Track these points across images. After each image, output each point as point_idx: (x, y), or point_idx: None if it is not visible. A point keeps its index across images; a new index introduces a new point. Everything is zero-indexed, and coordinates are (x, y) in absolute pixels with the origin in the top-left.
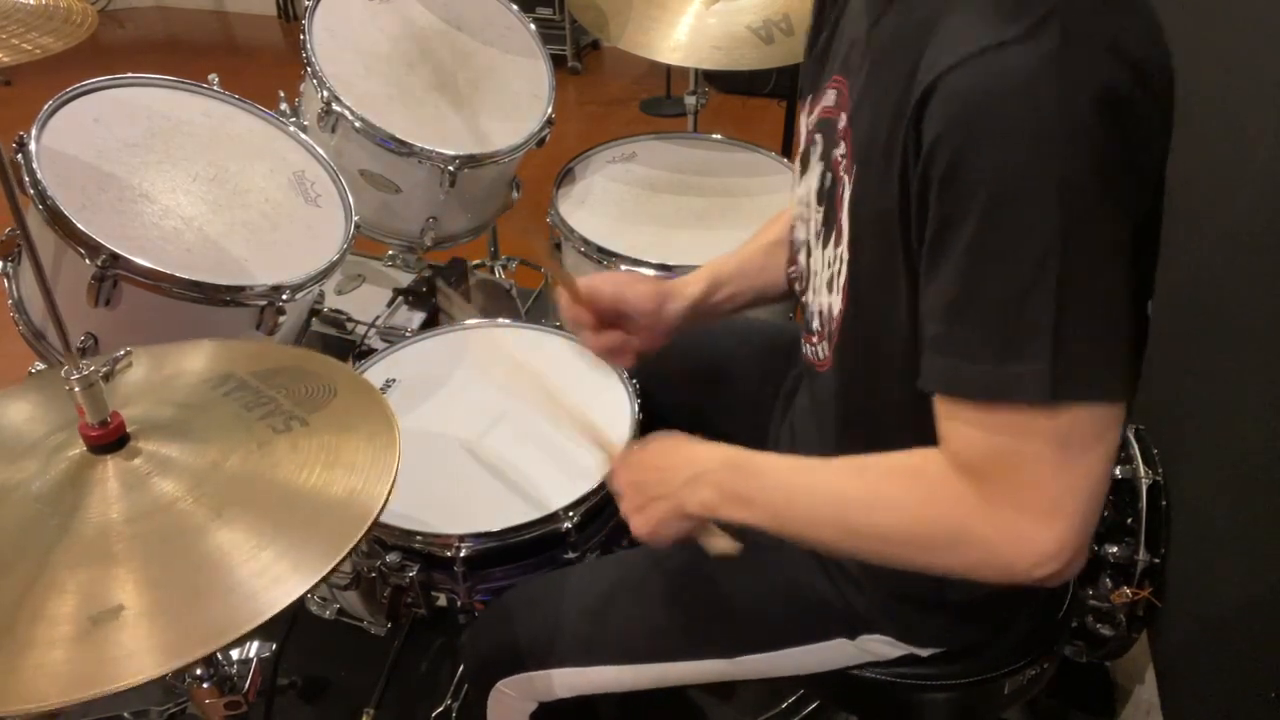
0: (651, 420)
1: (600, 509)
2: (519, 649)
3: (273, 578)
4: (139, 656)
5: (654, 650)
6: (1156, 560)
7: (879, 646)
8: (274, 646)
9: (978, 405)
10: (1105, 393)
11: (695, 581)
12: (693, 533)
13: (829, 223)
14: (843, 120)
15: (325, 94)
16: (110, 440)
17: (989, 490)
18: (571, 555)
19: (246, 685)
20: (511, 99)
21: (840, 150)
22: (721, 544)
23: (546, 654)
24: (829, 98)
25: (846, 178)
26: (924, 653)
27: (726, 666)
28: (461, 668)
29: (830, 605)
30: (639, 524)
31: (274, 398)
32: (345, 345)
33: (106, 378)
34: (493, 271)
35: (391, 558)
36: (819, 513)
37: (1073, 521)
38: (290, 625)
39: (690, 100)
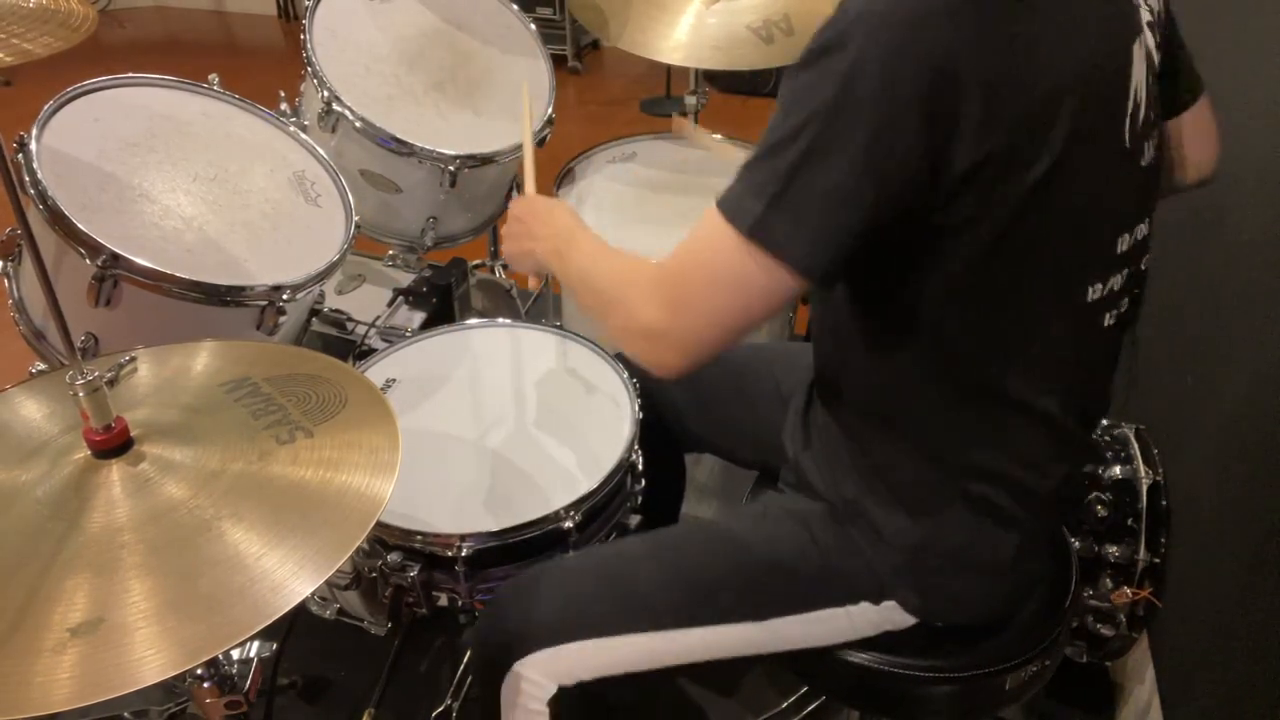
0: (652, 419)
1: (601, 508)
2: (541, 622)
3: (278, 579)
4: (146, 660)
5: (683, 614)
6: (1156, 560)
7: (898, 614)
8: (274, 646)
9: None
10: (789, 256)
11: (722, 544)
12: (535, 267)
13: None
14: None
15: (326, 94)
16: (114, 446)
17: (660, 283)
18: (572, 555)
19: (247, 685)
20: (512, 99)
21: None
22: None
23: (571, 625)
24: None
25: None
26: (938, 623)
27: (757, 632)
28: (461, 668)
29: (855, 564)
30: (508, 249)
31: (283, 406)
32: (345, 345)
33: (111, 383)
34: (493, 271)
35: (393, 557)
36: (584, 272)
37: (685, 328)
38: (290, 625)
39: (690, 100)
